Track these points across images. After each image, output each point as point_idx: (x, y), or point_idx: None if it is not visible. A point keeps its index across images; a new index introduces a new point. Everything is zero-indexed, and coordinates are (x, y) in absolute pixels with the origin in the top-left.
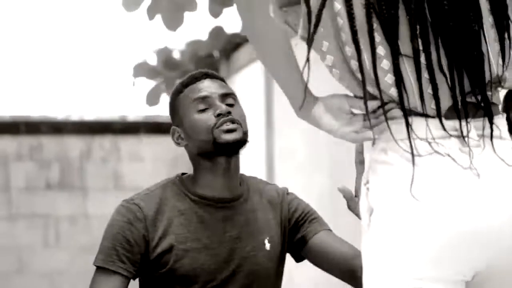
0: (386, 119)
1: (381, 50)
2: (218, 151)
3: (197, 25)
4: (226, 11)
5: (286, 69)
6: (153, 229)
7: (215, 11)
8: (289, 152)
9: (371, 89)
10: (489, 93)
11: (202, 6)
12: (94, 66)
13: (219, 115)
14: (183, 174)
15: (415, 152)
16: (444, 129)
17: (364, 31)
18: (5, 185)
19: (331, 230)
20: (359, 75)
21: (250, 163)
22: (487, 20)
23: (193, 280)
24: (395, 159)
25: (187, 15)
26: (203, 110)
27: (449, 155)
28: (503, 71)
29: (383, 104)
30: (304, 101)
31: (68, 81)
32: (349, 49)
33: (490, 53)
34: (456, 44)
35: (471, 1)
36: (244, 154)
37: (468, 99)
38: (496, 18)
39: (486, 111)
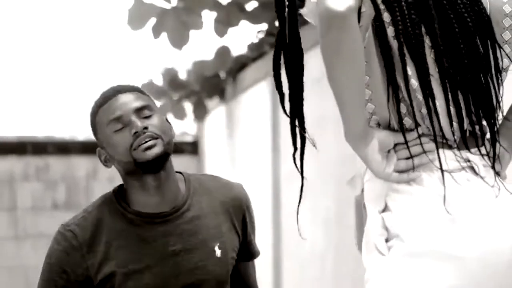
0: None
1: (408, 70)
2: (142, 170)
3: (203, 44)
4: (231, 30)
5: (359, 97)
6: (91, 255)
7: (220, 31)
8: (296, 175)
9: (405, 116)
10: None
11: (208, 25)
12: (100, 85)
13: (135, 133)
14: (120, 186)
15: (449, 178)
16: (469, 150)
17: (395, 49)
18: (11, 205)
19: (254, 259)
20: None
21: (256, 185)
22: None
23: None
24: (420, 190)
25: (193, 33)
26: (119, 130)
27: (483, 180)
28: (498, 103)
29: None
30: (366, 135)
31: (74, 101)
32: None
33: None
34: (469, 70)
35: (476, 30)
36: (250, 176)
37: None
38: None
39: (493, 139)
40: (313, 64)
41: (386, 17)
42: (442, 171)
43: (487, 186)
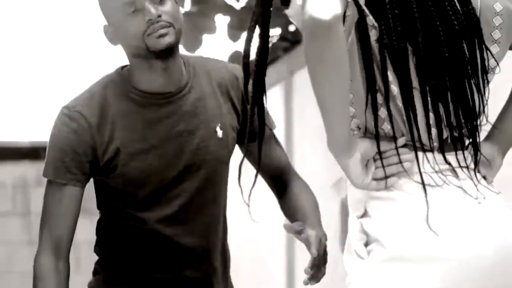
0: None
1: (389, 75)
2: (152, 56)
3: (216, 49)
4: (245, 35)
5: (343, 105)
6: (98, 136)
7: (233, 35)
8: (309, 177)
9: (386, 126)
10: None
11: (221, 30)
12: None
13: (149, 20)
14: (123, 67)
15: (428, 183)
16: (446, 162)
17: (376, 54)
18: (25, 210)
19: (273, 132)
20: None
21: (269, 190)
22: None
23: (144, 181)
24: (401, 195)
25: (206, 38)
26: (132, 13)
27: (461, 187)
28: (483, 107)
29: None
30: (350, 145)
31: None
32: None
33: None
34: (453, 79)
35: (464, 32)
36: (263, 181)
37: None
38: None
39: (474, 145)
40: None
41: (370, 20)
42: (424, 185)
43: (469, 190)
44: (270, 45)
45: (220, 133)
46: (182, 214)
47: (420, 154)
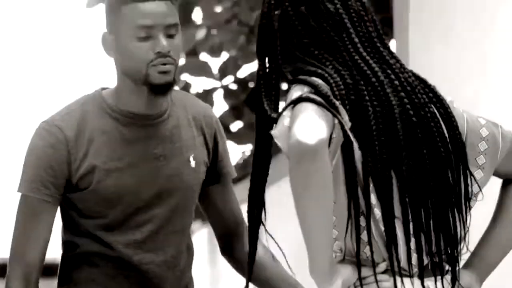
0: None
1: (372, 199)
2: (147, 86)
3: None
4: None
5: (326, 232)
6: (74, 150)
7: None
8: None
9: (366, 246)
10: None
11: None
12: None
13: (158, 52)
14: (103, 89)
15: None
16: (422, 282)
17: (361, 183)
18: None
19: (231, 179)
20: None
21: None
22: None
23: (116, 201)
24: None
25: None
26: (143, 39)
27: None
28: (465, 233)
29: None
30: (332, 273)
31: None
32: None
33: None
34: (438, 208)
35: (449, 159)
36: None
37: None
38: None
39: (453, 274)
40: None
41: (355, 144)
42: None
43: None
44: (241, 161)
45: (193, 163)
46: (151, 241)
47: (399, 281)
